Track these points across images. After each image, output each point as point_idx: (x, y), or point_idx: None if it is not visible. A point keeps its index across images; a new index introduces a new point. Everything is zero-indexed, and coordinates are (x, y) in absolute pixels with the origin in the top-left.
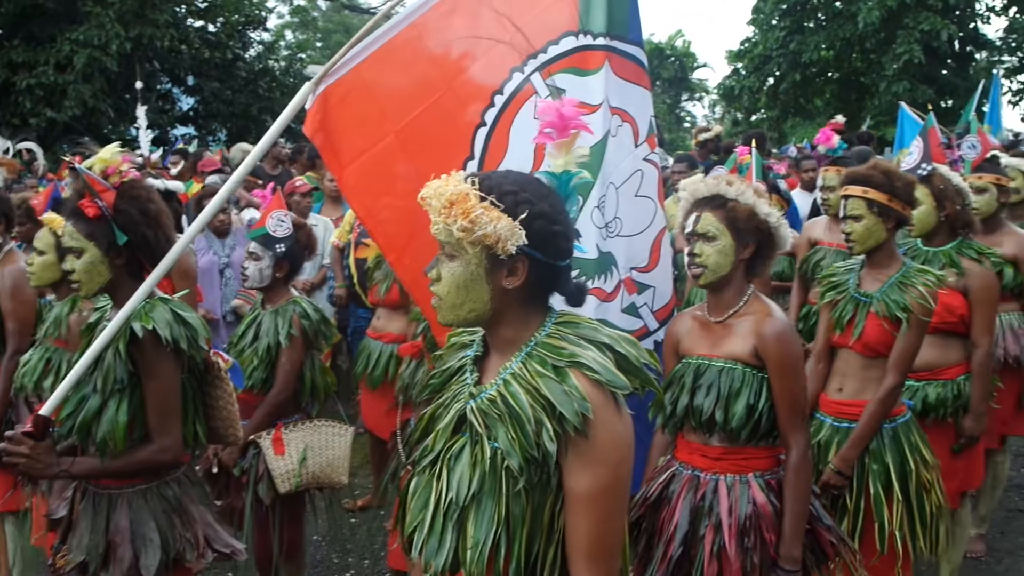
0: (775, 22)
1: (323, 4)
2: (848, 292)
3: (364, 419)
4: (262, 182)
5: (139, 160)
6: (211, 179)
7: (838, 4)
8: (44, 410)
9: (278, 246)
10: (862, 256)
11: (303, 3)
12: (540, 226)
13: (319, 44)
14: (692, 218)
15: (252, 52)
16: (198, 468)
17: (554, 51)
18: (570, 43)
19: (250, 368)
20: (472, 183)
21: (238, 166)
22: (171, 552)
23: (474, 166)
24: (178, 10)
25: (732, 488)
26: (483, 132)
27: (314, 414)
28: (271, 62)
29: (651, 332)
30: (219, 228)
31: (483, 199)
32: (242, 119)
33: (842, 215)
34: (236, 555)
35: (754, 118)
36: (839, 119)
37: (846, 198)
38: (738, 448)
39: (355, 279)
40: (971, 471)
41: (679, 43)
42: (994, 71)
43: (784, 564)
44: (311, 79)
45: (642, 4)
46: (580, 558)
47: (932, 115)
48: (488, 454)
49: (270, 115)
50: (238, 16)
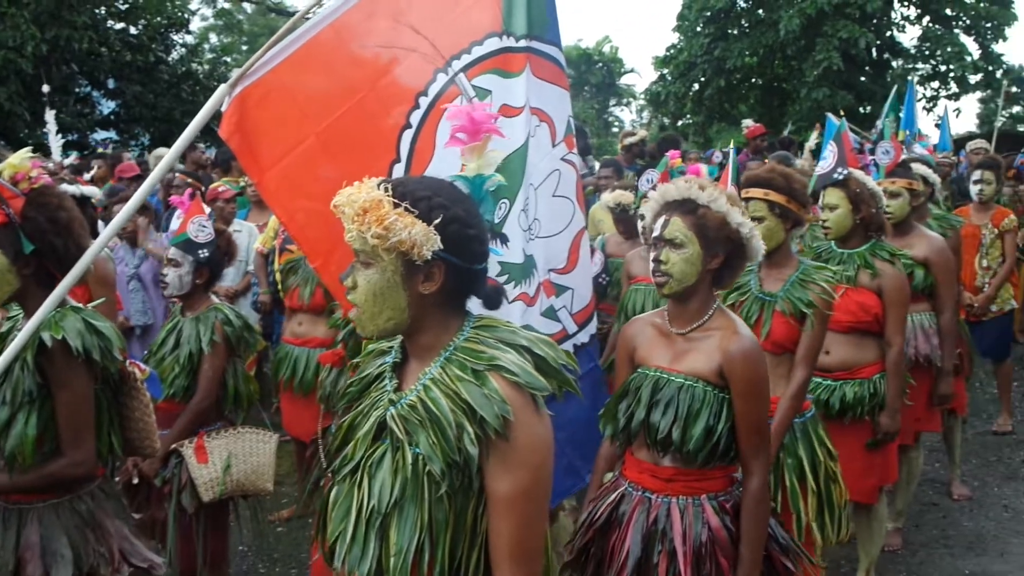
0: (699, 29)
1: (248, 7)
2: (751, 293)
3: (287, 426)
4: (203, 189)
5: (51, 165)
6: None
7: (760, 12)
8: None
9: (201, 252)
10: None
11: (227, 6)
12: (455, 230)
13: (244, 47)
14: (660, 222)
15: (175, 55)
16: (117, 480)
17: (478, 52)
18: (494, 44)
19: (171, 376)
20: (385, 189)
21: None
22: (84, 567)
23: (401, 169)
24: (97, 12)
25: (685, 512)
26: (409, 134)
27: (239, 422)
28: (195, 65)
29: (570, 336)
30: (130, 237)
31: (397, 205)
32: (165, 123)
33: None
34: (154, 569)
35: (680, 123)
36: (747, 123)
37: (747, 200)
38: (691, 470)
39: (279, 285)
40: (887, 467)
41: (607, 49)
42: (909, 78)
43: None
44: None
45: (570, 10)
46: (503, 561)
47: (844, 120)
48: (409, 460)
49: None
50: (160, 18)
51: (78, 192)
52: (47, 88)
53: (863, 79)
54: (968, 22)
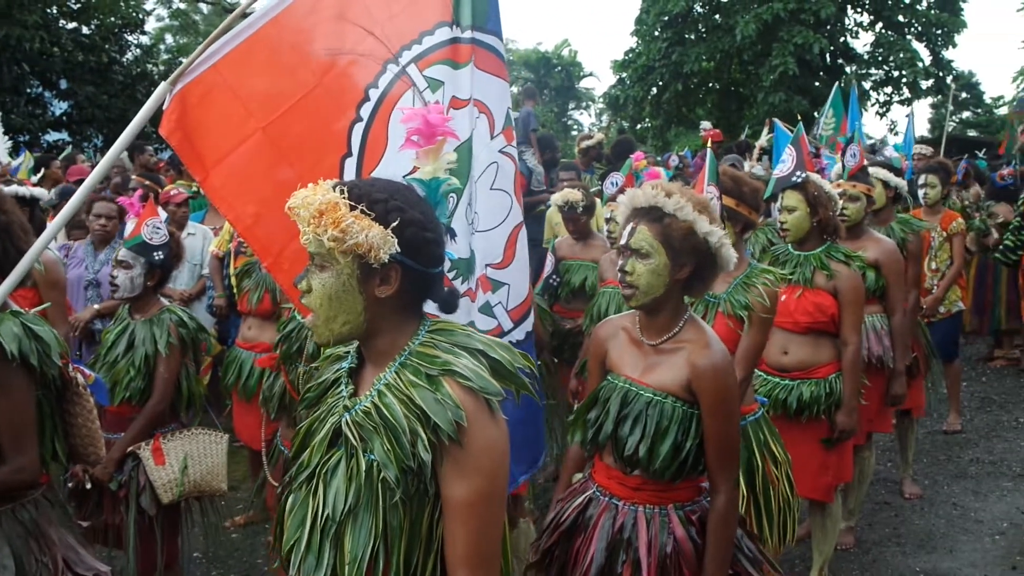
0: (657, 33)
1: (204, 7)
2: None
3: (237, 432)
4: (159, 191)
5: None
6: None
7: (717, 17)
8: None
9: (155, 254)
10: None
11: (183, 6)
12: (412, 233)
13: (206, 40)
14: (628, 229)
15: (129, 56)
16: (70, 485)
17: (429, 42)
18: (445, 34)
19: (126, 379)
20: (341, 192)
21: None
22: None
23: (353, 163)
24: (49, 11)
25: (651, 521)
26: (360, 128)
27: (196, 423)
28: (150, 66)
29: (505, 332)
30: (100, 238)
31: (353, 208)
32: (119, 124)
33: None
34: None
35: (639, 127)
36: (706, 125)
37: None
38: (658, 481)
39: (235, 289)
40: (842, 466)
41: (566, 52)
42: (853, 84)
43: None
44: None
45: (530, 14)
46: (459, 566)
47: (801, 125)
48: (364, 467)
49: (149, 120)
50: (114, 18)
51: (27, 194)
52: None
53: (818, 84)
54: (919, 29)
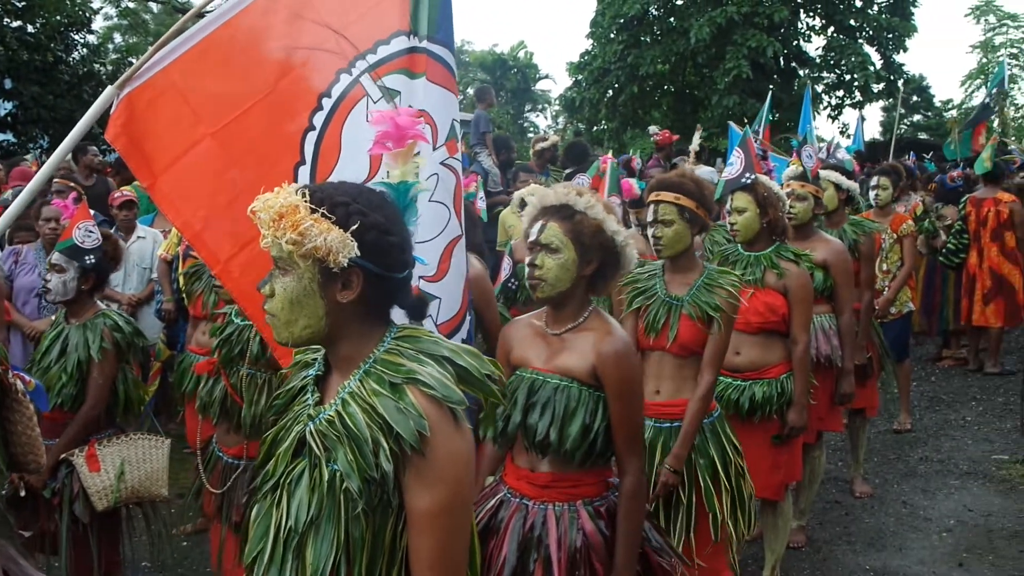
0: (613, 36)
1: (155, 7)
2: (658, 297)
3: (190, 438)
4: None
5: None
6: None
7: (672, 20)
8: None
9: (87, 258)
10: (660, 262)
11: (132, 5)
12: (373, 237)
13: (150, 48)
14: (537, 226)
15: (76, 55)
16: (3, 494)
17: (384, 51)
18: (402, 43)
19: (58, 385)
20: (303, 195)
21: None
22: None
23: (306, 171)
24: None
25: (561, 518)
26: (313, 136)
27: (145, 427)
28: (97, 66)
29: None
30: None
31: (314, 211)
32: (65, 125)
33: (651, 219)
34: None
35: (595, 129)
36: (653, 130)
37: (657, 203)
38: (567, 474)
39: (183, 293)
40: (792, 464)
41: (522, 54)
42: (805, 86)
43: None
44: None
45: (485, 15)
46: None
47: (748, 127)
48: (327, 477)
49: (96, 122)
50: (60, 17)
51: None
52: None
53: (771, 87)
54: (871, 33)
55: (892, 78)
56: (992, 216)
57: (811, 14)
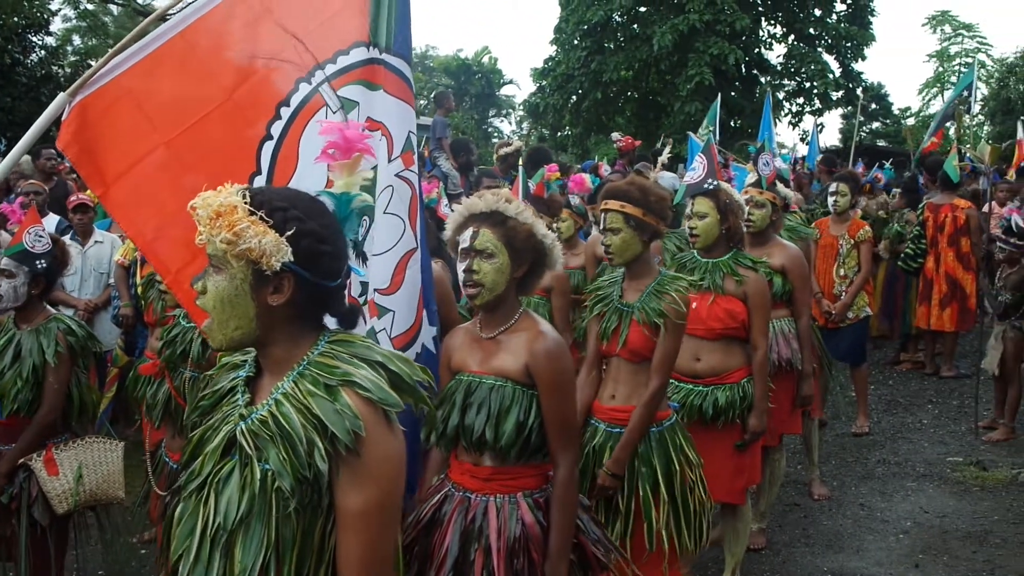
0: (576, 42)
1: (115, 9)
2: (612, 303)
3: (149, 444)
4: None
5: None
6: None
7: (635, 27)
8: None
9: (38, 262)
10: (623, 268)
11: (91, 7)
12: (308, 244)
13: (110, 51)
14: (468, 233)
15: (34, 57)
16: None
17: (344, 61)
18: (361, 54)
19: (13, 391)
20: (243, 196)
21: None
22: None
23: (262, 181)
24: None
25: (501, 509)
26: (270, 146)
27: (103, 431)
28: (55, 68)
29: None
30: None
31: (252, 213)
32: (23, 128)
33: (602, 228)
34: None
35: (560, 135)
36: (616, 136)
37: (605, 212)
38: (507, 468)
39: (141, 298)
40: (754, 468)
41: (486, 60)
42: (768, 93)
43: None
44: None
45: (450, 20)
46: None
47: (711, 135)
48: (258, 476)
49: (55, 124)
50: (17, 18)
51: None
52: None
53: (733, 94)
54: (830, 41)
55: (851, 86)
56: (949, 222)
57: (772, 22)
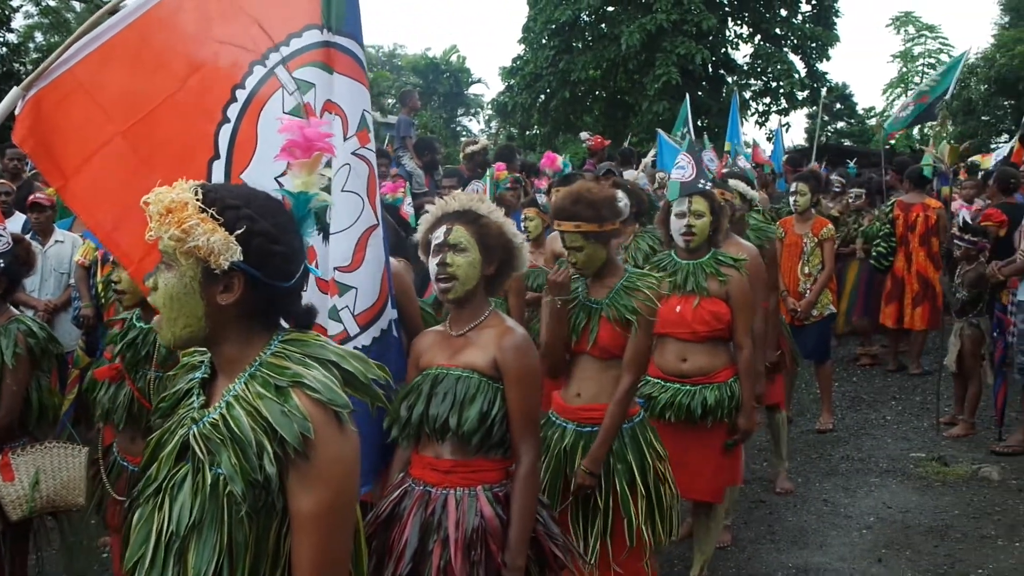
0: (545, 41)
1: (77, 5)
2: (579, 301)
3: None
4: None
5: None
6: None
7: (603, 27)
8: None
9: None
10: None
11: (53, 3)
12: (259, 244)
13: (64, 44)
14: (442, 230)
15: None
16: None
17: (297, 44)
18: (314, 36)
19: None
20: (196, 193)
21: None
22: None
23: (221, 165)
24: None
25: (461, 502)
26: (227, 129)
27: (64, 436)
28: (17, 65)
29: (351, 337)
30: None
31: (204, 210)
32: None
33: (564, 245)
34: None
35: (528, 133)
36: (585, 135)
37: (562, 232)
38: (468, 460)
39: (102, 298)
40: (735, 467)
41: (454, 58)
42: (734, 92)
43: (508, 574)
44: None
45: (418, 19)
46: None
47: (689, 135)
48: (210, 481)
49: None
50: None
51: None
52: None
53: (700, 94)
54: (796, 41)
55: (816, 86)
56: (921, 221)
57: (738, 22)
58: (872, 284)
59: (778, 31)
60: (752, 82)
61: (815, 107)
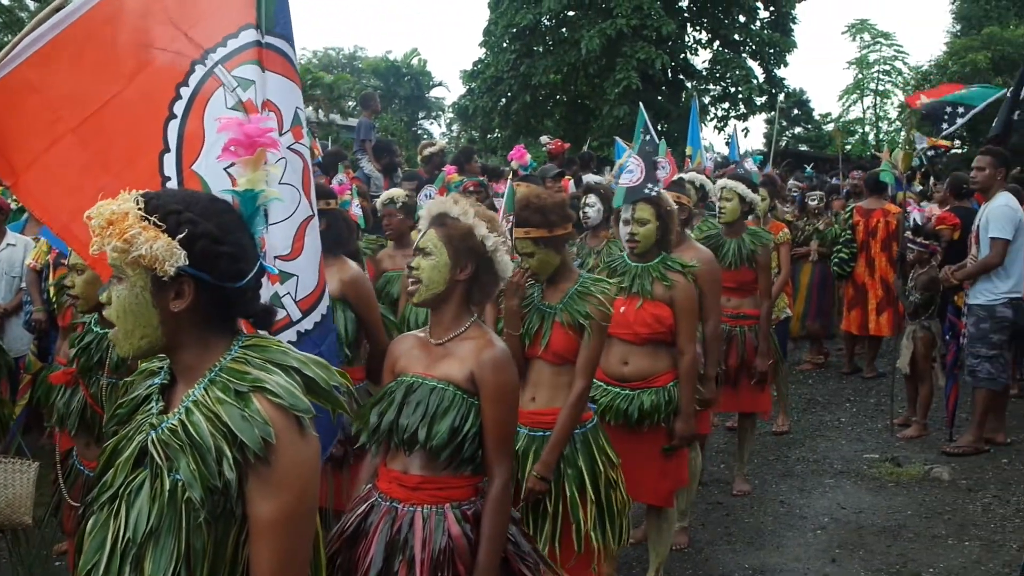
0: (505, 45)
1: (32, 4)
2: (534, 305)
3: (59, 452)
4: None
5: None
6: None
7: (564, 31)
8: None
9: None
10: None
11: (7, 3)
12: (203, 246)
13: (10, 43)
14: (420, 234)
15: None
16: None
17: (234, 44)
18: (250, 35)
19: None
20: (137, 202)
21: None
22: None
23: (172, 158)
24: None
25: (428, 520)
26: (175, 124)
27: (12, 448)
28: None
29: (294, 322)
30: None
31: (145, 219)
32: None
33: (517, 252)
34: None
35: (489, 137)
36: (545, 139)
37: (515, 238)
38: (436, 476)
39: (54, 302)
40: (680, 470)
41: (415, 62)
42: (694, 97)
43: None
44: None
45: (379, 22)
46: None
47: (654, 139)
48: (168, 487)
49: None
50: None
51: None
52: None
53: (660, 98)
54: (754, 48)
55: (774, 91)
56: (882, 227)
57: (697, 28)
58: (824, 287)
59: (737, 37)
60: (711, 87)
61: (773, 112)
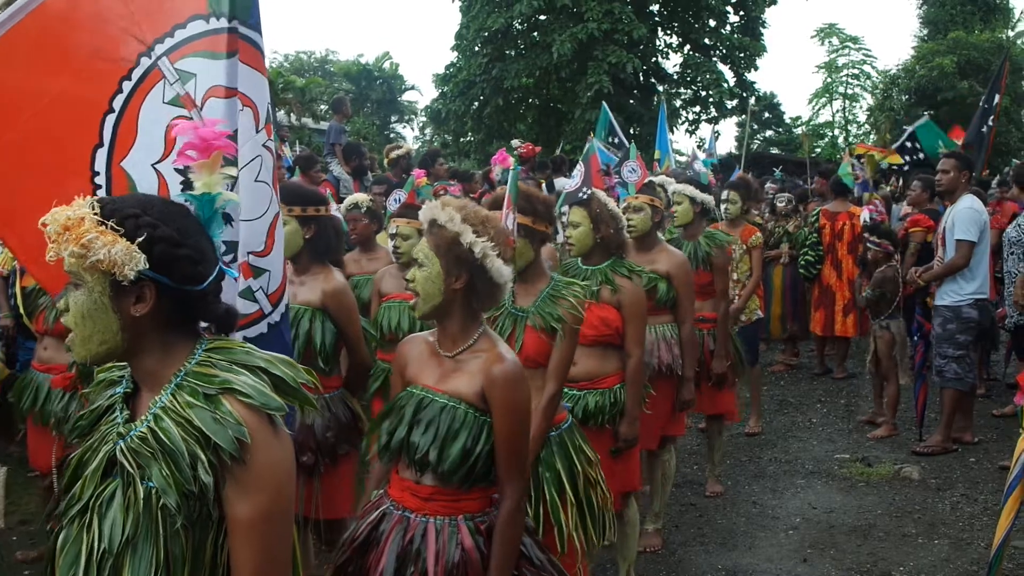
0: (477, 48)
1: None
2: (505, 308)
3: (32, 459)
4: None
5: None
6: None
7: (535, 35)
8: None
9: None
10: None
11: None
12: (162, 250)
13: None
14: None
15: None
16: None
17: (181, 35)
18: (199, 27)
19: None
20: (92, 207)
21: None
22: None
23: (103, 153)
24: None
25: (441, 532)
26: (111, 119)
27: None
28: None
29: (266, 315)
30: None
31: (102, 223)
32: None
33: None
34: None
35: (462, 140)
36: (516, 143)
37: None
38: (449, 489)
39: (21, 309)
40: (628, 473)
41: (387, 65)
42: (662, 102)
43: None
44: None
45: (350, 25)
46: None
47: (594, 143)
48: (142, 495)
49: None
50: None
51: None
52: None
53: (632, 102)
54: (724, 51)
55: (744, 95)
56: (847, 229)
57: (668, 32)
58: (797, 289)
59: (707, 41)
60: (682, 91)
61: (744, 116)
